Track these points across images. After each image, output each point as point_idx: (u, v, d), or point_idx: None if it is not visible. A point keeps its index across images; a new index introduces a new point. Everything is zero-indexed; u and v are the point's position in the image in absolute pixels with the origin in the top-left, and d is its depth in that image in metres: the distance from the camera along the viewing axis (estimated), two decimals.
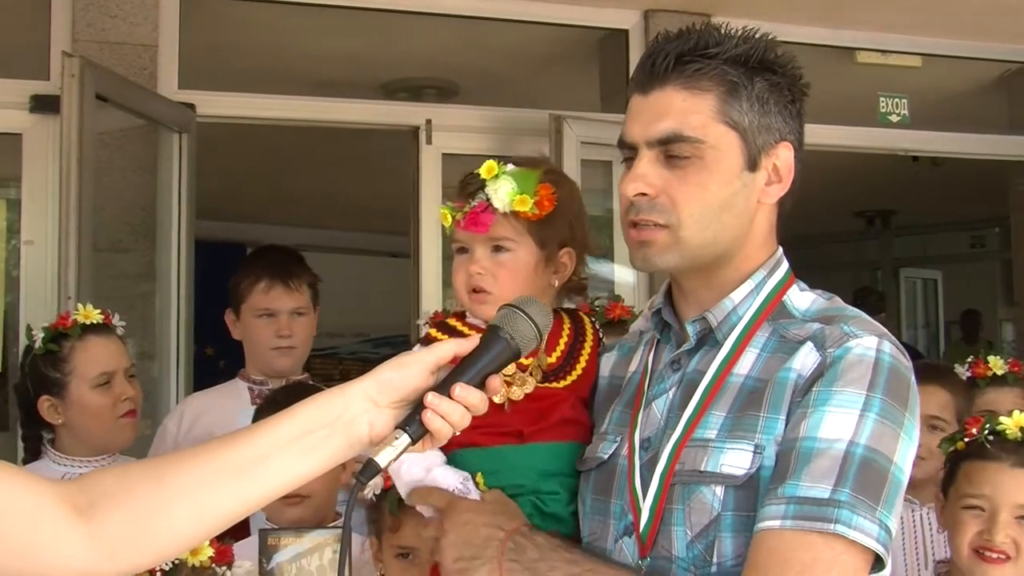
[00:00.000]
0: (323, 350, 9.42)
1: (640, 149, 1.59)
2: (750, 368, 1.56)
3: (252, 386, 3.14)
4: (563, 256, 1.85)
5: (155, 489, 1.27)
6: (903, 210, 10.03)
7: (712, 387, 1.57)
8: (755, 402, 1.51)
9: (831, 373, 1.47)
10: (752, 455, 1.48)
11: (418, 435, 1.34)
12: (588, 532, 1.68)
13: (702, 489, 1.51)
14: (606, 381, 1.81)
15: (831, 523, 1.38)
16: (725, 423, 1.53)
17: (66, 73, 3.57)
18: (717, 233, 1.57)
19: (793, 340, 1.55)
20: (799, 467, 1.42)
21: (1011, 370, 2.90)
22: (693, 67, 1.56)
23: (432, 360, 1.38)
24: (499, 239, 1.80)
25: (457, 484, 1.69)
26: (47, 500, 1.23)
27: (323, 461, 1.34)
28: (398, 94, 5.42)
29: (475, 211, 1.78)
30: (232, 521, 1.32)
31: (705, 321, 1.62)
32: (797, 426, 1.46)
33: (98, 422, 2.72)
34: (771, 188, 1.61)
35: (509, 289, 1.77)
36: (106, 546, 1.24)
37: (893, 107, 5.47)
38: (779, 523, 1.40)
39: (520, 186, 1.77)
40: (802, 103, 1.64)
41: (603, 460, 1.67)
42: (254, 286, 3.10)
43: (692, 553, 1.51)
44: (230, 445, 1.33)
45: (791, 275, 1.67)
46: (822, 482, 1.40)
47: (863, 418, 1.44)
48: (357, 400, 1.34)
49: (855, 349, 1.48)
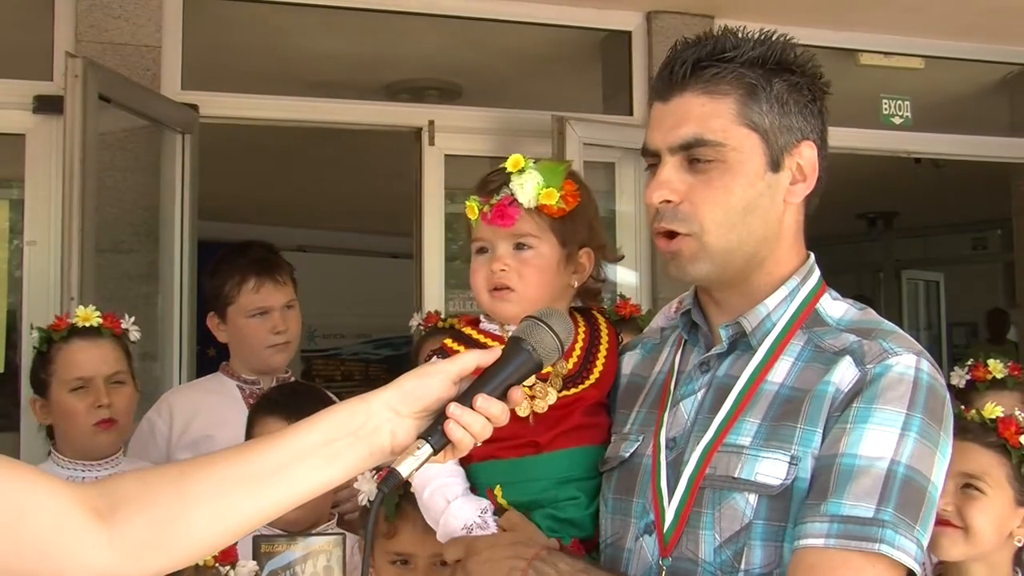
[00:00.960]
0: (325, 351, 9.44)
1: (663, 156, 1.60)
2: (785, 376, 1.57)
3: (242, 385, 3.12)
4: (582, 256, 1.85)
5: (176, 495, 1.27)
6: (905, 212, 10.04)
7: (746, 393, 1.58)
8: (792, 412, 1.52)
9: (871, 390, 1.48)
10: (788, 465, 1.49)
11: (440, 445, 1.34)
12: (610, 532, 1.69)
13: (735, 496, 1.51)
14: (627, 379, 1.82)
15: (875, 543, 1.39)
16: (760, 431, 1.53)
17: (69, 74, 3.58)
18: (743, 236, 1.58)
19: (829, 351, 1.55)
20: (841, 484, 1.43)
21: (1011, 374, 2.90)
22: (711, 72, 1.58)
23: (455, 371, 1.38)
24: (522, 236, 1.79)
25: (475, 518, 1.69)
26: (69, 503, 1.24)
27: (345, 470, 1.34)
28: (401, 95, 5.43)
29: (502, 204, 1.77)
30: (253, 527, 1.33)
31: (739, 326, 1.62)
32: (837, 442, 1.46)
33: (74, 426, 2.70)
34: (796, 187, 1.62)
35: (533, 286, 1.77)
36: (127, 550, 1.24)
37: (895, 109, 5.47)
38: (823, 541, 1.41)
39: (547, 180, 1.78)
40: (823, 102, 1.65)
41: (624, 459, 1.68)
42: (242, 286, 3.07)
43: (720, 558, 1.51)
44: (252, 452, 1.33)
45: (823, 283, 1.68)
46: (865, 500, 1.41)
47: (904, 437, 1.45)
48: (379, 410, 1.35)
49: (896, 367, 1.49)
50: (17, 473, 1.23)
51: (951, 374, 2.94)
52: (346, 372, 9.42)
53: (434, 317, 3.27)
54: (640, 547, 1.60)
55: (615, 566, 1.66)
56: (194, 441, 2.97)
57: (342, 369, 9.49)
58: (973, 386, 2.89)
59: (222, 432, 2.87)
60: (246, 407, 3.04)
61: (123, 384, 2.76)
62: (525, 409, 1.74)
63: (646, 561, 1.59)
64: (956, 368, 2.96)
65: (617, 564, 1.65)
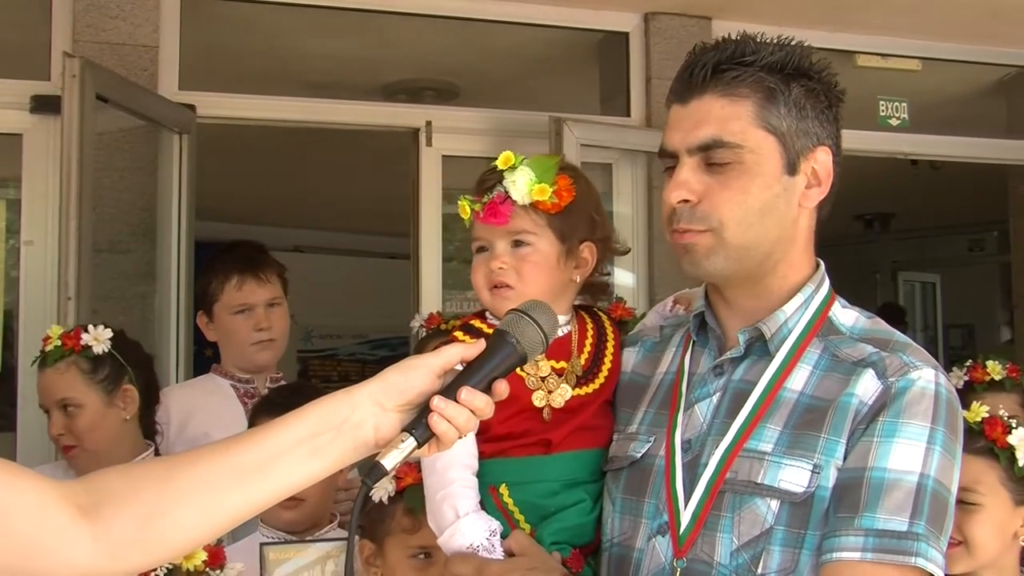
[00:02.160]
0: (321, 351, 9.43)
1: (681, 157, 1.62)
2: (804, 385, 1.59)
3: (236, 384, 3.13)
4: (584, 251, 1.84)
5: (161, 490, 1.27)
6: (902, 213, 10.03)
7: (765, 399, 1.59)
8: (815, 422, 1.54)
9: (897, 405, 1.51)
10: (811, 474, 1.51)
11: (424, 438, 1.34)
12: (618, 531, 1.69)
13: (756, 501, 1.53)
14: (628, 377, 1.82)
15: (911, 556, 1.43)
16: (782, 438, 1.55)
17: (67, 73, 3.57)
18: (759, 236, 1.60)
19: (847, 360, 1.58)
20: (873, 498, 1.46)
21: (1009, 375, 2.91)
22: (731, 75, 1.59)
23: (439, 364, 1.38)
24: (519, 232, 1.78)
25: (483, 540, 1.67)
26: (51, 499, 1.24)
27: (329, 464, 1.34)
28: (398, 96, 5.42)
29: (494, 202, 1.77)
30: (238, 522, 1.33)
31: (758, 331, 1.63)
32: (865, 456, 1.49)
33: (52, 444, 2.74)
34: (811, 192, 1.64)
35: (532, 283, 1.77)
36: (111, 546, 1.24)
37: (892, 110, 5.47)
38: (859, 555, 1.44)
39: (539, 175, 1.76)
40: (838, 108, 1.68)
41: (635, 459, 1.68)
42: (225, 284, 3.10)
43: (736, 561, 1.53)
44: (236, 447, 1.33)
45: (833, 291, 1.70)
46: (899, 515, 1.44)
47: (930, 451, 1.48)
48: (363, 403, 1.35)
49: (918, 381, 1.53)
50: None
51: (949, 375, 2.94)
52: (343, 372, 9.42)
53: (436, 319, 3.27)
54: (653, 547, 1.61)
55: (622, 565, 1.66)
56: (192, 439, 2.98)
57: (339, 369, 9.48)
58: (971, 387, 2.90)
59: (219, 431, 2.86)
60: (242, 406, 3.06)
61: (82, 407, 2.69)
62: (542, 400, 1.74)
63: (659, 562, 1.60)
64: (954, 369, 2.96)
65: (625, 564, 1.65)
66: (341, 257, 9.23)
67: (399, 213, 4.91)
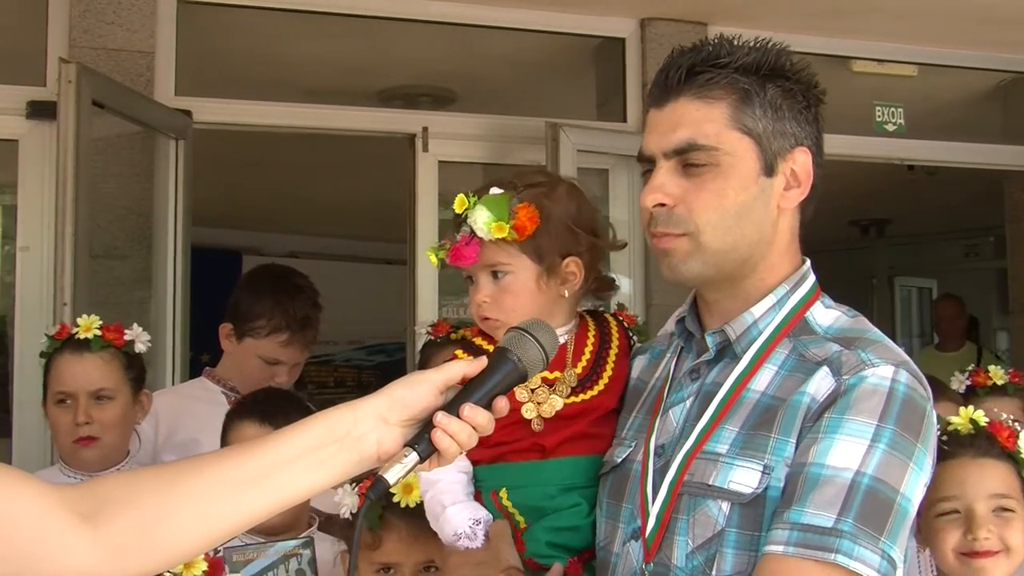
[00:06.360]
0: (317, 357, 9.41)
1: (657, 160, 1.62)
2: (766, 385, 1.57)
3: (227, 392, 3.13)
4: (569, 266, 1.83)
5: (161, 498, 1.27)
6: (898, 219, 10.04)
7: (727, 401, 1.58)
8: (768, 422, 1.53)
9: (844, 401, 1.48)
10: (760, 474, 1.50)
11: (426, 453, 1.35)
12: (603, 535, 1.70)
13: (708, 503, 1.52)
14: (633, 383, 1.83)
15: (831, 552, 1.39)
16: (737, 439, 1.54)
17: (63, 79, 3.57)
18: (737, 239, 1.59)
19: (811, 360, 1.56)
20: (805, 493, 1.44)
21: (1011, 380, 2.90)
22: (705, 77, 1.59)
23: (442, 380, 1.39)
24: (494, 265, 1.81)
25: (465, 528, 1.72)
26: (52, 505, 1.24)
27: (331, 476, 1.35)
28: (394, 101, 5.42)
29: (457, 246, 1.79)
30: (237, 532, 1.33)
31: (724, 334, 1.63)
32: (806, 451, 1.47)
33: (59, 439, 2.71)
34: (790, 193, 1.63)
35: (513, 312, 1.78)
36: (110, 553, 1.24)
37: (889, 116, 5.48)
38: (782, 548, 1.42)
39: (495, 213, 1.77)
40: (818, 109, 1.67)
41: (616, 464, 1.70)
42: (273, 334, 3.07)
43: (691, 564, 1.52)
44: (239, 457, 1.34)
45: (817, 290, 1.68)
46: (826, 510, 1.42)
47: (872, 448, 1.45)
48: (367, 417, 1.35)
49: (870, 378, 1.49)
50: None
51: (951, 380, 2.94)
52: (338, 378, 9.42)
53: (445, 327, 3.22)
54: (627, 552, 1.62)
55: (603, 570, 1.67)
56: (181, 444, 2.97)
57: (335, 375, 9.48)
58: (973, 391, 2.89)
59: (208, 436, 2.86)
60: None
61: (113, 399, 2.68)
62: (531, 412, 1.77)
63: (631, 566, 1.60)
64: (956, 374, 2.96)
65: (604, 568, 1.67)
66: (337, 263, 9.22)
67: (395, 219, 4.91)
